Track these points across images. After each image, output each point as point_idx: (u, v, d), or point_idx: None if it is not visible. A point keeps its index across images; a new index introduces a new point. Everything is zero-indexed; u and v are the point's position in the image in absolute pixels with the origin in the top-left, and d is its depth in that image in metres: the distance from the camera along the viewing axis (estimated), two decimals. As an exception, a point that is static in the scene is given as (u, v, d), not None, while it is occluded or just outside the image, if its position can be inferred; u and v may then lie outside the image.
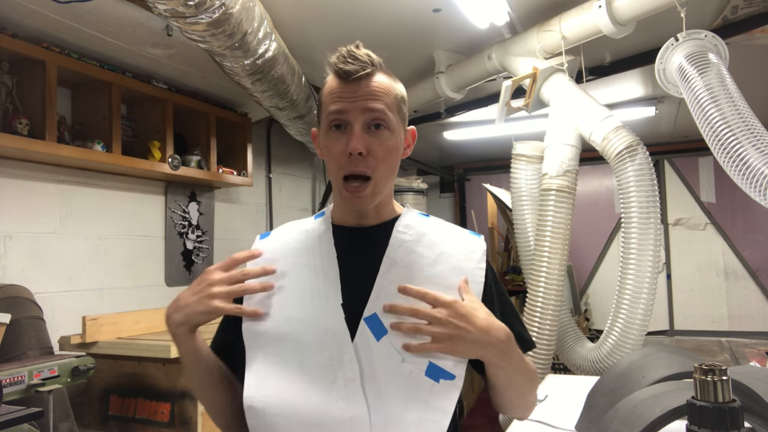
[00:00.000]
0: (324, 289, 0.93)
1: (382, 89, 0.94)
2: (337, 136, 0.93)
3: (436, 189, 5.80)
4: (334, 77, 0.95)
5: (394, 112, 0.95)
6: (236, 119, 3.32)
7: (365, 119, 0.92)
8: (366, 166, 0.91)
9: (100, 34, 2.29)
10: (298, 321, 0.91)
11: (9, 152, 2.19)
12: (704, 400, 0.71)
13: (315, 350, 0.88)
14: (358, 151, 0.90)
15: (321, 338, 0.89)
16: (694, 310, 4.77)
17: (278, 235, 1.04)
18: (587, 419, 1.23)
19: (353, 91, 0.92)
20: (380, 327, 0.89)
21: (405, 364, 0.86)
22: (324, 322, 0.90)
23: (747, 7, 2.27)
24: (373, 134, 0.92)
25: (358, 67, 0.92)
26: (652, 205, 2.03)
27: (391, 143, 0.94)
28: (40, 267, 2.39)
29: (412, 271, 0.93)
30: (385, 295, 0.90)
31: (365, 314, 0.89)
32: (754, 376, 0.98)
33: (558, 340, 2.41)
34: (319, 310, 0.91)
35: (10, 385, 1.72)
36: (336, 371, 0.86)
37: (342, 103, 0.92)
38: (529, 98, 2.41)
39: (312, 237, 1.00)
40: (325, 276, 0.94)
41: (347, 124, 0.92)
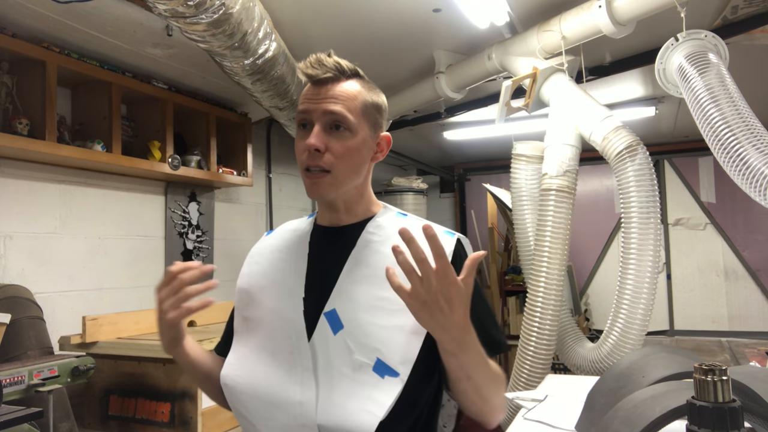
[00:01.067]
0: (292, 284, 1.03)
1: (345, 94, 1.00)
2: (302, 134, 1.01)
3: (436, 189, 5.80)
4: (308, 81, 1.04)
5: (357, 115, 1.00)
6: (236, 119, 3.32)
7: (326, 120, 0.98)
8: (323, 161, 0.98)
9: (100, 34, 2.29)
10: (271, 311, 1.03)
11: (9, 152, 2.19)
12: (704, 400, 0.71)
13: (281, 338, 0.99)
14: (315, 147, 0.96)
15: (286, 327, 0.99)
16: (694, 310, 4.77)
17: (276, 233, 1.16)
18: (587, 419, 1.23)
19: (318, 94, 1.00)
20: (338, 322, 0.96)
21: (356, 357, 0.93)
22: (289, 313, 1.00)
23: (747, 7, 2.27)
24: (333, 134, 0.99)
25: (320, 71, 1.00)
26: (652, 205, 2.03)
27: (351, 143, 0.99)
28: (40, 267, 2.39)
29: (373, 271, 0.98)
30: (346, 293, 0.98)
31: (325, 309, 0.98)
32: (754, 376, 0.98)
33: (558, 340, 2.41)
34: (287, 302, 1.01)
35: (10, 385, 1.72)
36: (296, 359, 0.96)
37: (307, 104, 1.00)
38: (529, 98, 2.41)
39: (296, 236, 1.11)
40: (295, 272, 1.04)
41: (310, 123, 1.00)
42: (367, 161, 1.04)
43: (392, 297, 0.89)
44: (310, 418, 0.91)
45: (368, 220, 1.06)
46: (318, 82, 1.01)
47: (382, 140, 1.07)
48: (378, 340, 0.92)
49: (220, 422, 2.20)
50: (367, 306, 0.96)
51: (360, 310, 0.95)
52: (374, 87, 1.07)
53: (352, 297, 0.97)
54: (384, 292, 0.93)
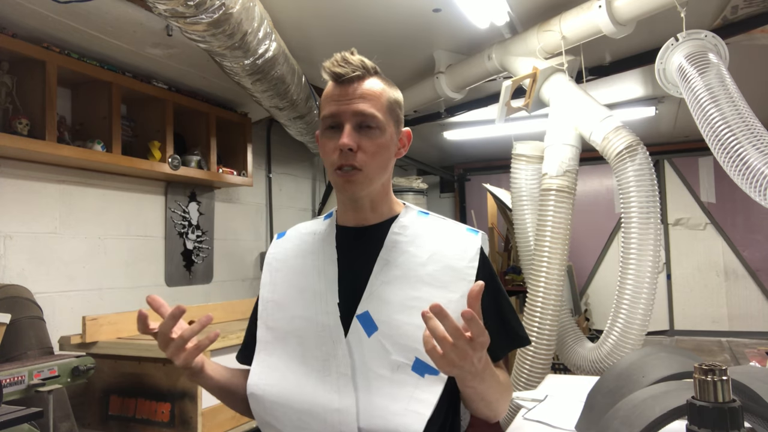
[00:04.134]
0: (323, 288, 1.02)
1: (372, 93, 1.01)
2: (331, 135, 1.01)
3: (436, 189, 5.80)
4: (330, 81, 1.03)
5: (384, 113, 1.01)
6: (236, 119, 3.32)
7: (356, 120, 0.99)
8: (355, 160, 0.98)
9: (100, 34, 2.29)
10: (301, 319, 1.01)
11: (9, 152, 2.19)
12: (704, 400, 0.71)
13: (314, 345, 0.98)
14: (348, 146, 0.97)
15: (319, 334, 0.98)
16: (694, 310, 4.77)
17: (291, 237, 1.15)
18: (587, 419, 1.23)
19: (345, 94, 1.00)
20: (371, 324, 0.96)
21: (393, 358, 0.93)
22: (322, 319, 0.99)
23: (747, 7, 2.27)
24: (364, 133, 1.00)
25: (348, 69, 1.00)
26: (652, 205, 2.03)
27: (381, 141, 1.01)
28: (40, 267, 2.39)
29: (404, 271, 0.99)
30: (377, 295, 0.98)
31: (358, 312, 0.97)
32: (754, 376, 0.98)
33: (558, 340, 2.41)
34: (318, 308, 1.00)
35: (10, 385, 1.72)
36: (331, 365, 0.95)
37: (335, 105, 1.00)
38: (529, 98, 2.41)
39: (318, 239, 1.09)
40: (325, 276, 1.03)
41: (340, 124, 1.00)
42: (393, 157, 1.06)
43: (426, 297, 0.96)
44: (351, 425, 0.90)
45: (392, 219, 1.07)
46: (344, 81, 1.01)
47: (404, 135, 1.09)
48: (415, 339, 0.91)
49: (220, 422, 2.20)
50: (401, 306, 0.96)
51: (394, 311, 0.96)
52: (392, 83, 1.08)
53: (385, 298, 0.97)
54: (417, 291, 0.97)
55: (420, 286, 0.97)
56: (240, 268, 3.61)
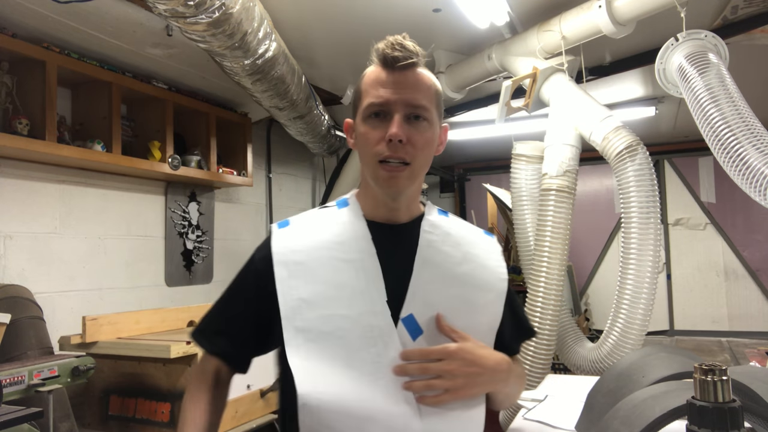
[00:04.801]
0: (366, 286, 0.93)
1: (425, 82, 0.96)
2: (376, 123, 0.94)
3: (436, 189, 5.80)
4: (379, 66, 0.96)
5: (434, 106, 0.97)
6: (236, 119, 3.32)
7: (407, 110, 0.93)
8: (405, 152, 0.93)
9: (100, 34, 2.29)
10: (341, 318, 0.91)
11: (9, 152, 2.19)
12: (704, 400, 0.71)
13: (360, 347, 0.89)
14: (399, 137, 0.91)
15: (367, 335, 0.90)
16: (694, 310, 4.77)
17: (302, 226, 1.01)
18: (587, 419, 1.23)
19: (398, 81, 0.93)
20: (416, 327, 0.92)
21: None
22: (369, 319, 0.91)
23: (747, 7, 2.27)
24: (413, 125, 0.94)
25: (406, 55, 0.93)
26: (652, 205, 2.03)
27: (429, 135, 0.96)
28: (40, 267, 2.39)
29: (442, 271, 0.97)
30: (421, 295, 0.94)
31: (402, 314, 0.92)
32: (754, 376, 0.98)
33: (558, 340, 2.40)
34: (363, 307, 0.91)
35: (10, 385, 1.72)
36: (383, 368, 0.88)
37: (386, 92, 0.93)
38: (529, 98, 2.41)
39: (345, 230, 0.98)
40: (366, 273, 0.94)
41: (388, 113, 0.93)
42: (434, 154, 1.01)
43: (468, 296, 0.98)
44: (414, 428, 0.87)
45: (420, 217, 1.03)
46: (398, 68, 0.94)
47: (444, 132, 1.04)
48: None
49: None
50: (443, 308, 0.94)
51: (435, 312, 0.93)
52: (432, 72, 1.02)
53: (427, 300, 0.94)
54: (456, 291, 0.97)
55: (458, 286, 0.97)
56: (240, 268, 3.61)
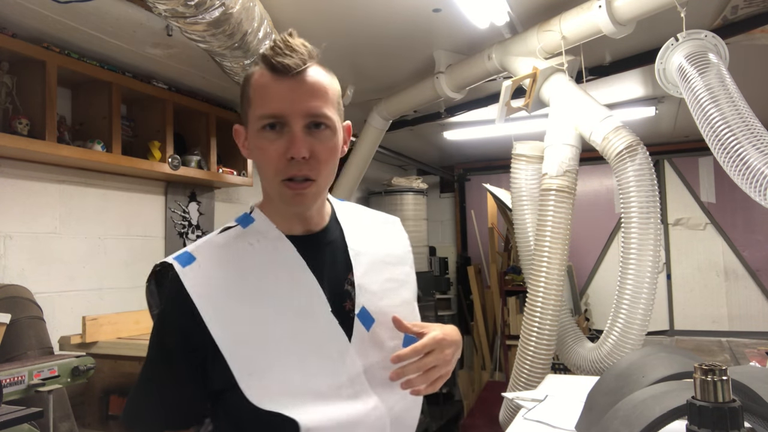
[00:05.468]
0: (306, 303, 0.89)
1: (321, 87, 0.88)
2: (272, 136, 0.86)
3: (436, 189, 5.80)
4: (267, 71, 0.87)
5: (334, 110, 0.90)
6: (236, 119, 3.32)
7: (306, 120, 0.86)
8: (309, 169, 0.87)
9: (100, 34, 2.29)
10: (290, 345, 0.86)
11: (9, 152, 2.19)
12: (704, 400, 0.71)
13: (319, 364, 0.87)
14: (302, 155, 0.84)
15: (320, 352, 0.88)
16: (694, 310, 4.77)
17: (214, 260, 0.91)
18: (587, 419, 1.23)
19: (291, 88, 0.85)
20: (368, 317, 0.93)
21: (390, 344, 0.93)
22: (318, 336, 0.89)
23: (747, 7, 2.27)
24: (314, 135, 0.87)
25: (297, 60, 0.85)
26: (652, 205, 2.03)
27: (333, 144, 0.90)
28: (40, 267, 2.39)
29: (371, 258, 0.98)
30: (365, 287, 0.95)
31: (357, 310, 0.92)
32: (754, 376, 0.98)
33: (558, 340, 2.40)
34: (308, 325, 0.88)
35: (10, 385, 1.72)
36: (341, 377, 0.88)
37: (279, 102, 0.85)
38: (529, 98, 2.41)
39: (262, 250, 0.92)
40: (301, 290, 0.90)
41: (285, 124, 0.86)
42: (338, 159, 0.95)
43: (394, 275, 1.00)
44: (384, 420, 0.91)
45: (332, 215, 1.00)
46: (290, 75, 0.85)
47: (345, 130, 0.97)
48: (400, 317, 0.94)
49: (220, 422, 2.20)
50: (382, 292, 0.97)
51: (378, 299, 0.95)
52: (328, 68, 0.93)
53: (369, 289, 0.95)
54: (386, 273, 1.00)
55: (386, 268, 1.00)
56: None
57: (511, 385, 2.34)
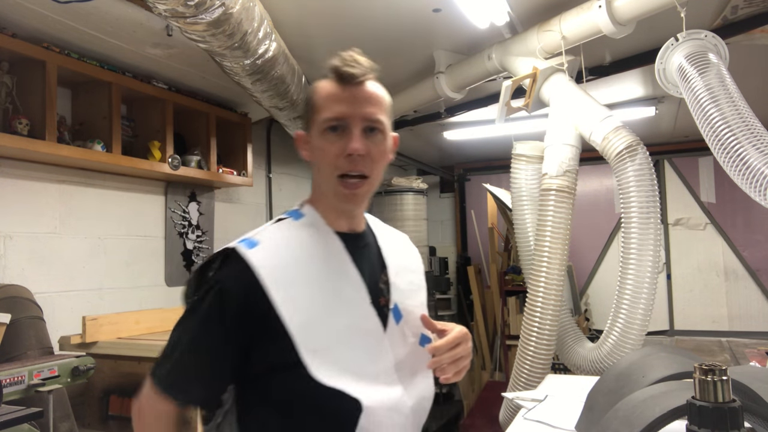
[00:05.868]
0: (353, 294, 1.00)
1: (378, 96, 1.01)
2: (333, 138, 0.97)
3: (436, 189, 5.80)
4: (334, 81, 0.99)
5: (387, 118, 1.02)
6: (236, 119, 3.32)
7: (364, 124, 0.98)
8: (364, 166, 0.97)
9: (100, 34, 2.29)
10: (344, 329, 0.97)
11: (9, 152, 2.19)
12: (704, 400, 0.71)
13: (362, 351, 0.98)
14: (360, 152, 0.96)
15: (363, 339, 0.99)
16: (694, 310, 4.77)
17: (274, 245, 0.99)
18: (587, 419, 1.23)
19: (353, 95, 0.98)
20: (398, 313, 1.05)
21: (410, 340, 1.05)
22: (362, 324, 0.99)
23: (747, 7, 2.27)
24: (370, 137, 0.99)
25: (361, 71, 0.98)
26: (652, 205, 2.03)
27: (384, 147, 1.02)
28: (40, 267, 2.39)
29: (398, 263, 1.11)
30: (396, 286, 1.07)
31: (391, 305, 1.04)
32: (754, 376, 0.98)
33: (558, 340, 2.40)
34: (355, 314, 0.99)
35: (10, 385, 1.72)
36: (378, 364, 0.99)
37: (343, 107, 0.97)
38: (529, 98, 2.41)
39: (316, 243, 1.01)
40: (349, 282, 1.00)
41: (346, 127, 0.97)
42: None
43: (414, 279, 1.14)
44: (408, 407, 1.00)
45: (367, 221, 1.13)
46: (353, 83, 0.98)
47: (394, 141, 1.09)
48: (417, 317, 1.06)
49: (220, 422, 2.20)
50: (408, 293, 1.09)
51: (406, 298, 1.07)
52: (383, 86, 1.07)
53: (400, 288, 1.07)
54: (409, 277, 1.13)
55: (408, 273, 1.13)
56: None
57: (511, 385, 2.34)
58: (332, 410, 0.92)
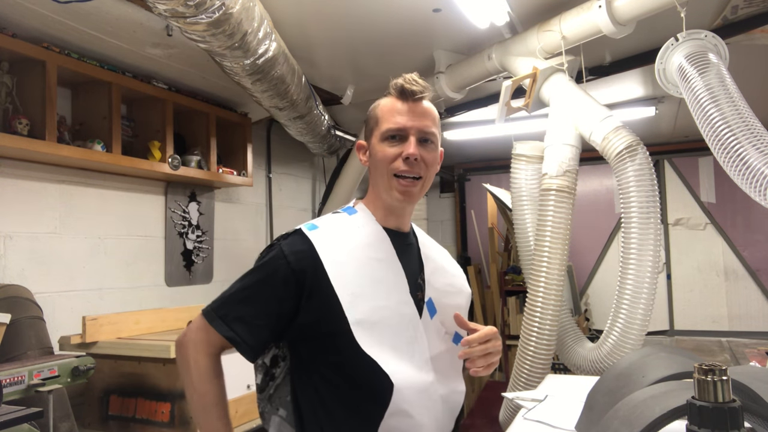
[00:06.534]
0: (395, 280, 1.14)
1: (432, 113, 1.18)
2: (393, 144, 1.14)
3: (436, 189, 5.80)
4: (395, 97, 1.16)
5: (438, 132, 1.19)
6: (236, 119, 3.32)
7: (420, 135, 1.14)
8: (419, 168, 1.14)
9: (100, 34, 2.29)
10: (384, 308, 1.10)
11: (9, 152, 2.19)
12: (704, 400, 0.71)
13: (399, 332, 1.10)
14: (416, 156, 1.12)
15: (402, 322, 1.11)
16: (694, 310, 4.77)
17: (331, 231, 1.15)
18: (587, 419, 1.23)
19: (412, 110, 1.15)
20: (433, 308, 1.17)
21: (444, 334, 1.18)
22: (402, 308, 1.12)
23: (747, 7, 2.27)
24: (424, 146, 1.15)
25: (421, 88, 1.15)
26: (652, 205, 2.03)
27: (435, 155, 1.19)
28: (40, 267, 2.39)
29: (437, 264, 1.25)
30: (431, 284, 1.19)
31: (426, 298, 1.17)
32: (754, 376, 0.98)
33: (558, 340, 2.40)
34: (396, 298, 1.12)
35: (10, 385, 1.72)
36: (414, 348, 1.11)
37: (403, 120, 1.14)
38: (529, 98, 2.41)
39: (366, 234, 1.16)
40: (392, 270, 1.14)
41: (404, 137, 1.14)
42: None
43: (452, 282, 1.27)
44: (438, 394, 1.13)
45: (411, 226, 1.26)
46: (412, 99, 1.15)
47: (441, 154, 1.23)
48: (451, 317, 1.16)
49: (220, 422, 2.20)
50: (444, 292, 1.22)
51: (442, 296, 1.20)
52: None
53: (435, 287, 1.20)
54: (448, 279, 1.26)
55: (447, 275, 1.26)
56: (240, 268, 3.59)
57: (511, 385, 2.34)
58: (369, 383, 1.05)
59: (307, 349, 1.12)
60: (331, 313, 1.06)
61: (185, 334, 1.13)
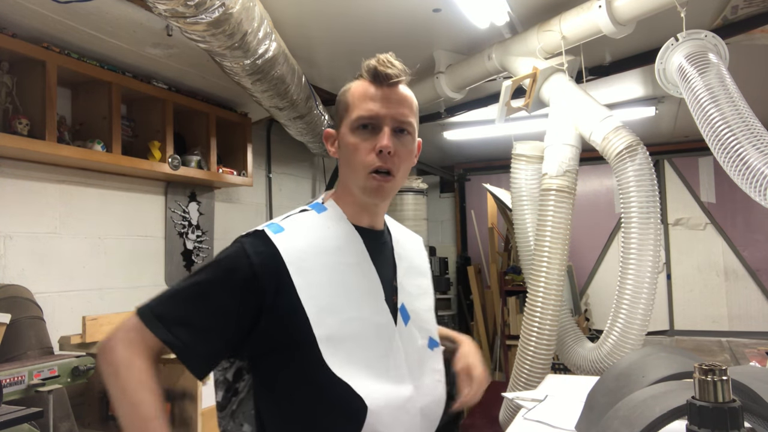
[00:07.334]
0: (368, 287, 1.01)
1: (409, 99, 1.05)
2: (365, 135, 1.00)
3: (436, 189, 5.80)
4: (367, 81, 1.03)
5: (416, 121, 1.06)
6: (236, 119, 3.32)
7: (395, 124, 1.01)
8: (392, 163, 1.00)
9: (100, 34, 2.29)
10: (356, 321, 0.97)
11: (9, 152, 2.19)
12: (704, 400, 0.71)
13: (372, 345, 0.98)
14: (389, 149, 0.98)
15: (376, 334, 0.99)
16: (694, 310, 4.77)
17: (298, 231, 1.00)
18: (587, 419, 1.23)
19: (386, 96, 1.01)
20: (406, 313, 1.06)
21: (420, 342, 1.06)
22: (376, 318, 1.00)
23: (747, 7, 2.27)
24: (399, 138, 1.02)
25: (396, 72, 1.02)
26: (652, 205, 2.03)
27: (411, 148, 1.05)
28: (40, 267, 2.39)
29: (408, 265, 1.12)
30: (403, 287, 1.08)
31: (399, 305, 1.05)
32: (754, 376, 0.98)
33: (558, 340, 2.40)
34: (369, 308, 1.00)
35: (10, 385, 1.72)
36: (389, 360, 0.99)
37: (376, 107, 1.00)
38: (529, 98, 2.41)
39: (337, 235, 1.02)
40: (365, 275, 1.02)
41: (377, 126, 1.00)
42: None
43: (421, 283, 1.15)
44: (417, 407, 1.00)
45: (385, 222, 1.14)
46: (387, 84, 1.01)
47: (418, 145, 1.11)
48: (426, 320, 1.09)
49: (220, 422, 2.20)
50: (416, 295, 1.10)
51: (413, 300, 1.09)
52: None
53: (407, 290, 1.08)
54: (418, 280, 1.14)
55: (418, 276, 1.14)
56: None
57: (511, 385, 2.34)
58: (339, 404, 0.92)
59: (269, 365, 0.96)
60: (295, 327, 0.92)
61: (114, 335, 0.94)
